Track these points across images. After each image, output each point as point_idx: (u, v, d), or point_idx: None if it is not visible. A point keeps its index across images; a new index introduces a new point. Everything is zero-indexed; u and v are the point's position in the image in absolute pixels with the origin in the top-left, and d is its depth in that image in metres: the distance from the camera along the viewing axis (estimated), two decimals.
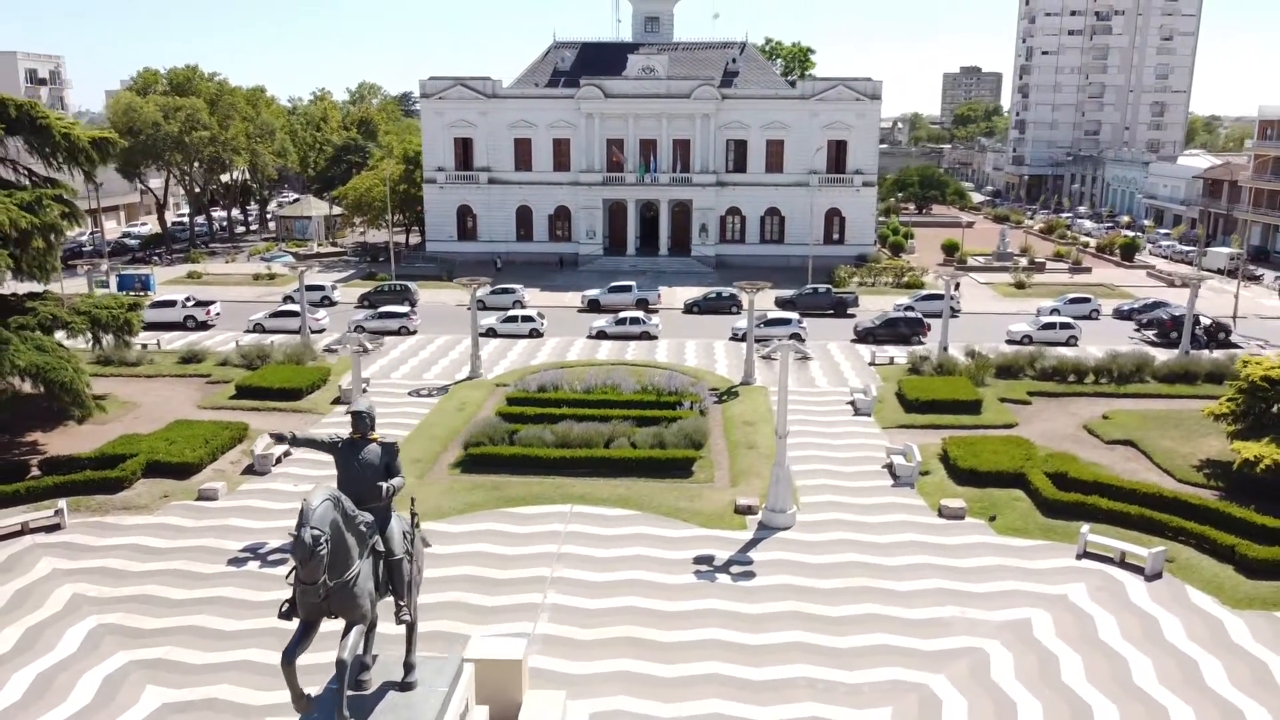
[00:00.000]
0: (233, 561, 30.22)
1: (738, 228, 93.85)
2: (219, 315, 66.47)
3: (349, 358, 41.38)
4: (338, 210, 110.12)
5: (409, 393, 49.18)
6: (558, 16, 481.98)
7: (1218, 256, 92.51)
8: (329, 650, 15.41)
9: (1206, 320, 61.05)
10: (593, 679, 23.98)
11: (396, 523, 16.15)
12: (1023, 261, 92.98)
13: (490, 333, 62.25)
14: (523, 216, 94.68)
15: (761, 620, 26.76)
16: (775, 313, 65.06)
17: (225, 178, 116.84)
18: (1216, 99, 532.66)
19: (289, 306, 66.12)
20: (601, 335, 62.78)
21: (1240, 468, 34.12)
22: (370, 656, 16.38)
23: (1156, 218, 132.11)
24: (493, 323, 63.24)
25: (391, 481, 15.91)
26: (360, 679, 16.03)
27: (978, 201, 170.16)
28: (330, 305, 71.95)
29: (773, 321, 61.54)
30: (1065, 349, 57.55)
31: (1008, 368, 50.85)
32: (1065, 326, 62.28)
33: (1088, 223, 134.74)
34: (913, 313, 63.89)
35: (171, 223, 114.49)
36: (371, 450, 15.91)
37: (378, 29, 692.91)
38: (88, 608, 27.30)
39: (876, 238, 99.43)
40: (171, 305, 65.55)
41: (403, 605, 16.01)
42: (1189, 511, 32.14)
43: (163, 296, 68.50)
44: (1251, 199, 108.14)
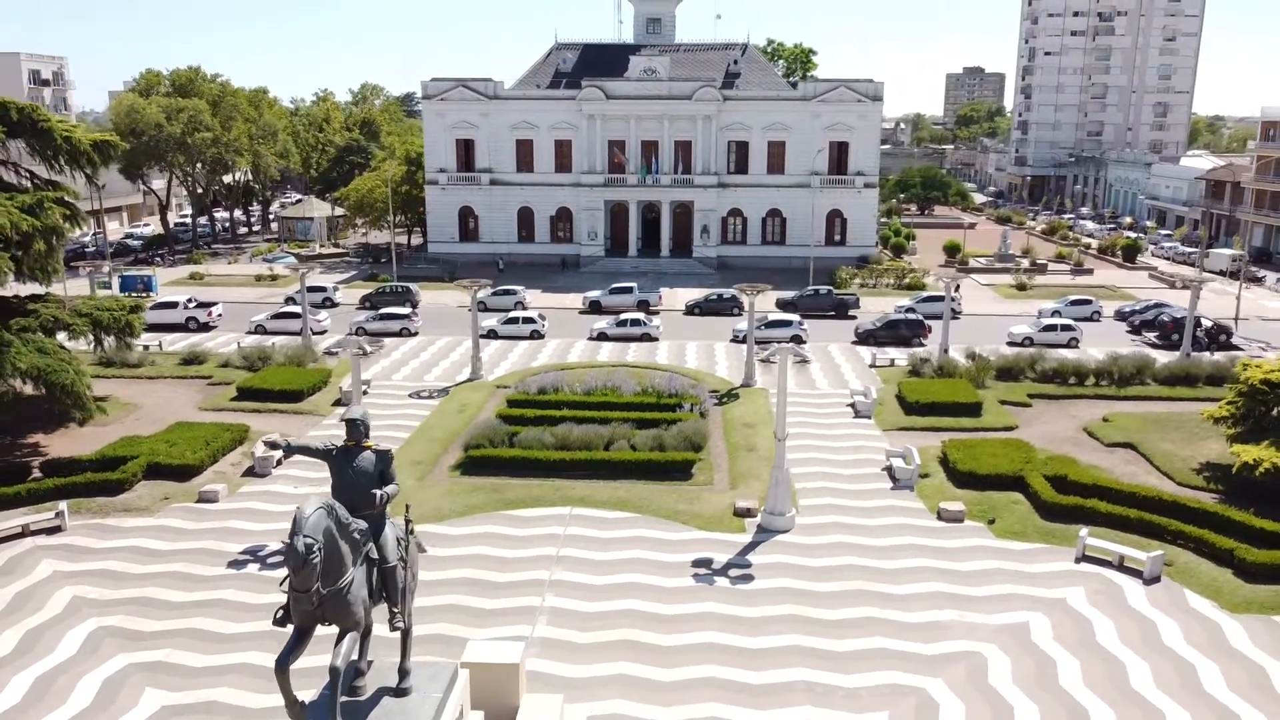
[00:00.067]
0: (233, 564, 30.30)
1: (739, 229, 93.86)
2: (221, 317, 66.63)
3: (349, 360, 41.45)
4: (340, 211, 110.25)
5: (410, 394, 49.27)
6: (559, 17, 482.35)
7: (1220, 258, 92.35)
8: (327, 654, 15.45)
9: (1208, 322, 61.01)
10: (590, 682, 24.03)
11: (390, 529, 16.19)
12: (1024, 263, 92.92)
13: (491, 334, 62.35)
14: (524, 218, 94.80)
15: (760, 623, 26.79)
16: (776, 314, 65.01)
17: (228, 179, 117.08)
18: (1221, 99, 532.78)
19: (290, 308, 66.22)
20: (602, 337, 62.80)
21: (1240, 471, 34.06)
22: (365, 662, 16.43)
23: (1159, 219, 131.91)
24: (494, 324, 63.33)
25: (385, 489, 15.94)
26: (355, 685, 16.10)
27: (980, 202, 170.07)
28: (332, 306, 72.03)
29: (774, 323, 61.51)
30: (1066, 351, 57.51)
31: (1008, 370, 50.83)
32: (1066, 328, 62.26)
33: (1090, 224, 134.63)
34: (914, 314, 63.83)
35: (174, 224, 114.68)
36: (366, 458, 15.95)
37: (380, 30, 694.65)
38: (88, 610, 27.38)
39: (878, 239, 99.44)
40: (173, 307, 65.73)
41: (396, 612, 16.06)
42: (1188, 515, 32.12)
43: (165, 298, 68.78)
44: (1254, 200, 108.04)
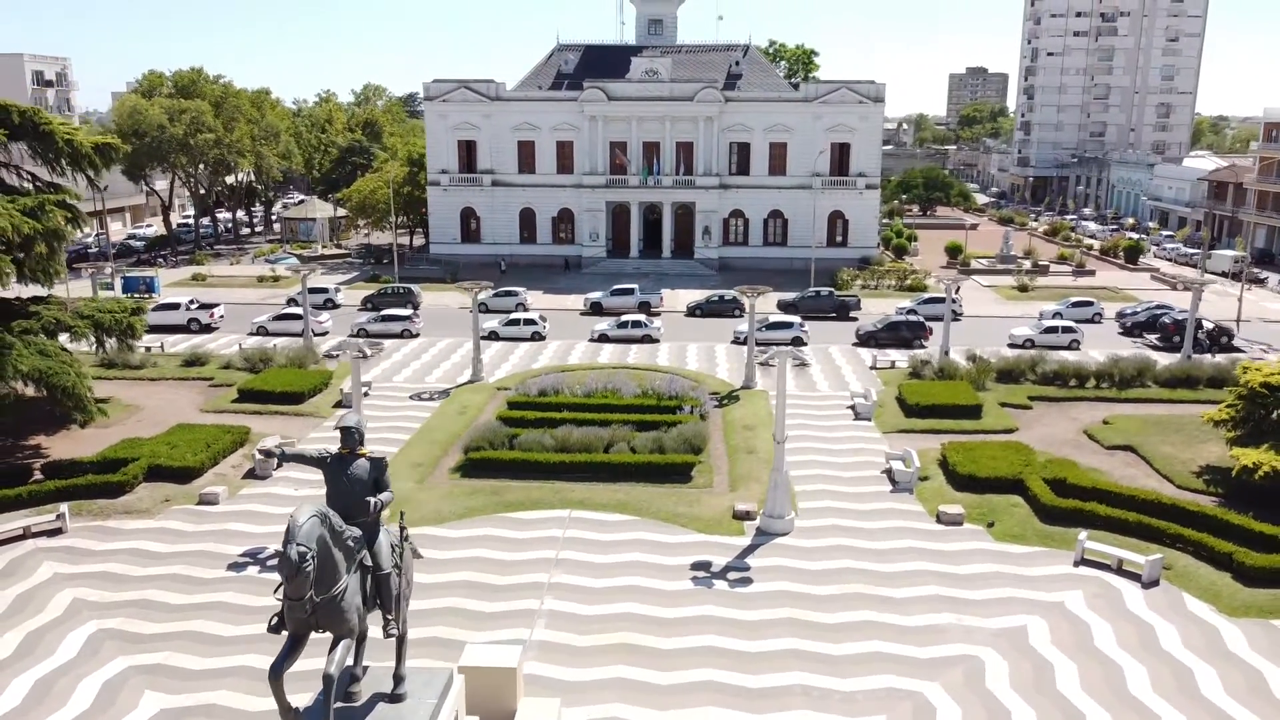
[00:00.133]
0: (232, 566, 30.37)
1: (741, 230, 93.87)
2: (223, 318, 66.69)
3: (350, 362, 41.50)
4: (342, 212, 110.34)
5: (411, 396, 49.33)
6: (561, 19, 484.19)
7: (1222, 259, 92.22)
8: (323, 658, 15.48)
9: (1209, 324, 60.96)
10: (588, 686, 24.06)
11: (384, 536, 16.22)
12: (1026, 264, 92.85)
13: (493, 336, 62.41)
14: (526, 219, 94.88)
15: (758, 627, 26.82)
16: (778, 316, 65.01)
17: (230, 180, 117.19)
18: (1224, 99, 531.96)
19: (292, 309, 66.26)
20: (603, 338, 62.81)
21: (1239, 474, 34.05)
22: (360, 668, 16.46)
23: (1161, 220, 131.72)
24: (495, 326, 63.39)
25: (380, 496, 15.96)
26: (350, 691, 16.12)
27: (982, 203, 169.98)
28: (333, 308, 72.10)
29: (775, 325, 61.52)
30: (1067, 353, 57.43)
31: (1009, 372, 50.80)
32: (1067, 330, 62.23)
33: (1092, 225, 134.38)
34: (915, 316, 63.82)
35: (177, 224, 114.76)
36: (360, 465, 15.97)
37: (382, 30, 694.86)
38: (88, 612, 27.45)
39: (880, 240, 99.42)
40: (175, 308, 65.83)
41: (390, 619, 16.08)
42: (1187, 518, 32.10)
43: (167, 299, 68.82)
44: (1256, 201, 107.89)
